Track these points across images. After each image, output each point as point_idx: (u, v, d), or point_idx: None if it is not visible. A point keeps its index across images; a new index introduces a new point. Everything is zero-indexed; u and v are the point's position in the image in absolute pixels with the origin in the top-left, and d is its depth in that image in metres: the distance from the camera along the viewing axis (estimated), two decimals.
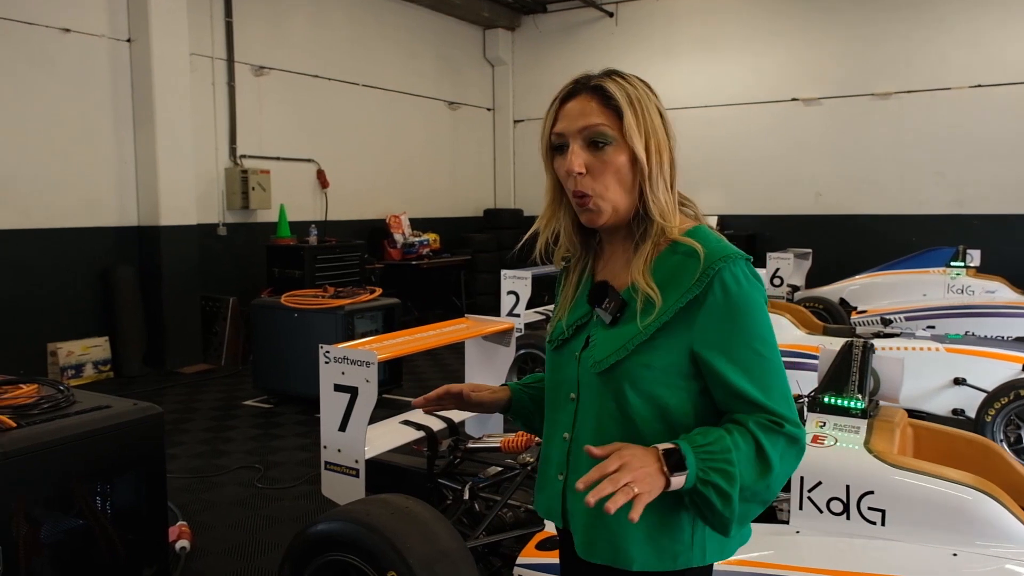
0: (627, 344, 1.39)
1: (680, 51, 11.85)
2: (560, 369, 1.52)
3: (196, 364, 7.75)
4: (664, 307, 1.37)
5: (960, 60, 10.14)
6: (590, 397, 1.44)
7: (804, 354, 5.29)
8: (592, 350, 1.45)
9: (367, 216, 10.26)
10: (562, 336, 1.52)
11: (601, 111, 1.41)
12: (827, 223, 11.04)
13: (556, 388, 1.53)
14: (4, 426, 2.66)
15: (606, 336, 1.43)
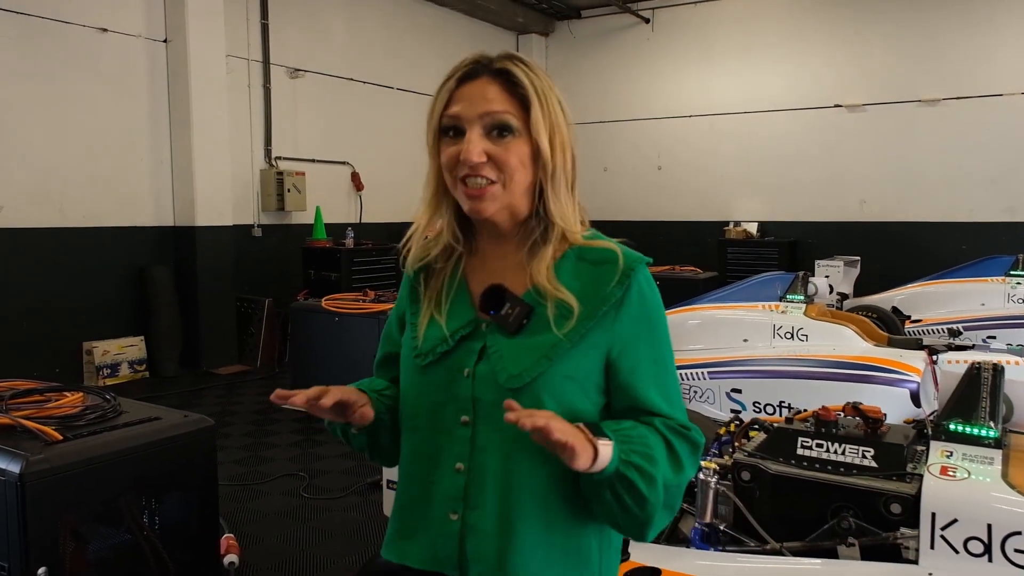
0: (548, 354, 1.24)
1: (718, 57, 11.58)
2: (440, 388, 1.29)
3: (231, 365, 7.60)
4: (585, 312, 1.25)
5: (1011, 65, 9.80)
6: (494, 418, 1.21)
7: (873, 367, 5.01)
8: (497, 363, 1.25)
9: (401, 219, 10.07)
10: (442, 349, 1.29)
11: (505, 98, 1.26)
12: (872, 230, 10.71)
13: (435, 411, 1.29)
14: (49, 438, 2.47)
15: (513, 346, 1.26)
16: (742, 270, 10.65)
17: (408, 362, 1.33)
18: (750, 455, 2.41)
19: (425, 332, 1.32)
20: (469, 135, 1.24)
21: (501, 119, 1.25)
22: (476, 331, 1.29)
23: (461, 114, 1.26)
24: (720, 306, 5.92)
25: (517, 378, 1.23)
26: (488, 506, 1.23)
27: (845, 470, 2.29)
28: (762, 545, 2.32)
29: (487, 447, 1.25)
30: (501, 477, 1.24)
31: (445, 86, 1.29)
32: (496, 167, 1.24)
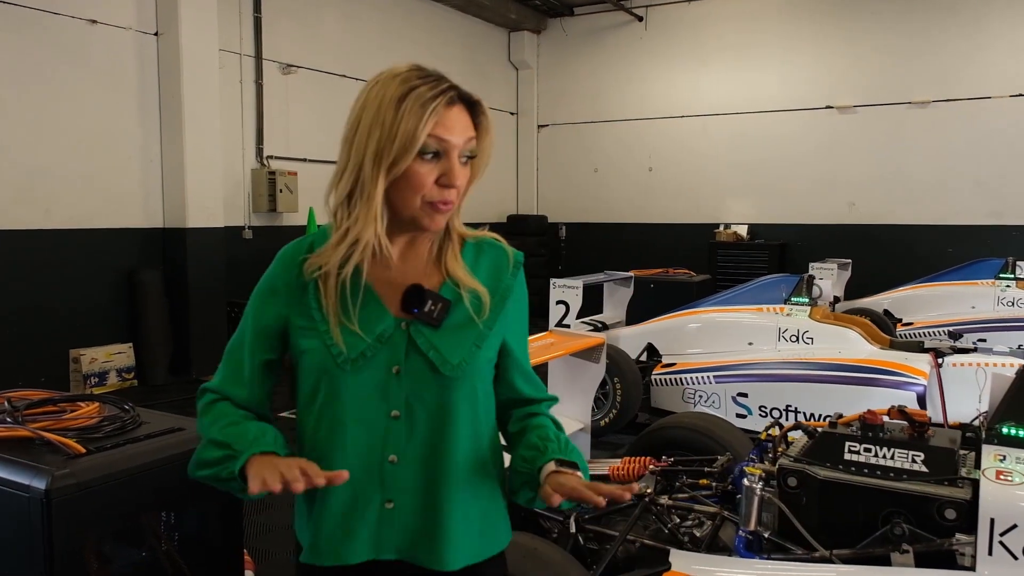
0: (476, 342, 1.38)
1: (711, 57, 11.60)
2: (369, 388, 1.36)
3: None
4: (493, 301, 1.41)
5: (1001, 68, 9.91)
6: (426, 409, 1.36)
7: (879, 370, 5.01)
8: (433, 355, 1.36)
9: None
10: (370, 352, 1.35)
11: (472, 127, 1.37)
12: (861, 233, 10.79)
13: (363, 410, 1.36)
14: (73, 451, 2.36)
15: (444, 337, 1.37)
16: (732, 273, 10.68)
17: (326, 367, 1.36)
18: (796, 460, 2.37)
19: (343, 338, 1.35)
20: (453, 161, 1.32)
21: (471, 147, 1.36)
22: (396, 331, 1.37)
23: (450, 140, 1.32)
24: (724, 309, 5.89)
25: (456, 367, 1.36)
26: (419, 488, 1.36)
27: (895, 475, 2.25)
28: (810, 553, 2.27)
29: (416, 436, 1.36)
30: (428, 460, 1.37)
31: (433, 107, 1.30)
32: (458, 191, 1.37)
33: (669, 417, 3.67)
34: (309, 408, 1.41)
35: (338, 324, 1.35)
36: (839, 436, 2.35)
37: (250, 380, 1.46)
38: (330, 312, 1.36)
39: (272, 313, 1.43)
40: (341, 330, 1.34)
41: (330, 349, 1.35)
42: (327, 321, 1.36)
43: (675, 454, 3.41)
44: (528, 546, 2.15)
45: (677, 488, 2.77)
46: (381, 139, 1.30)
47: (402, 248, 1.42)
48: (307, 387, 1.40)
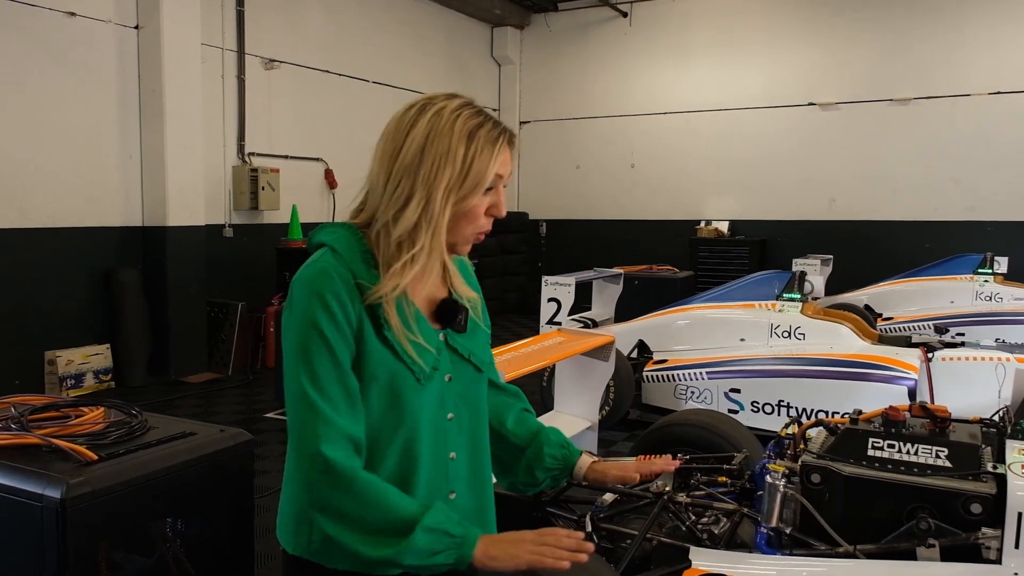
0: (488, 341, 1.61)
1: (695, 53, 11.64)
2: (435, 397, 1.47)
3: (202, 373, 7.33)
4: (483, 307, 1.61)
5: (980, 66, 10.06)
6: (466, 407, 1.53)
7: (871, 365, 5.06)
8: (472, 356, 1.53)
9: None
10: (436, 365, 1.47)
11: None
12: (841, 229, 10.90)
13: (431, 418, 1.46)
14: (85, 458, 2.29)
15: (472, 341, 1.54)
16: (713, 269, 10.75)
17: (405, 386, 1.42)
18: (819, 457, 2.36)
19: (417, 355, 1.42)
20: (501, 194, 1.45)
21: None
22: (440, 342, 1.49)
23: (503, 175, 1.45)
24: (715, 306, 5.92)
25: (488, 364, 1.58)
26: (470, 477, 1.54)
27: (919, 471, 2.25)
28: (833, 549, 2.27)
29: (464, 432, 1.52)
30: (473, 452, 1.55)
31: (499, 146, 1.41)
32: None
33: (673, 414, 3.66)
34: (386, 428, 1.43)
35: (409, 343, 1.41)
36: (862, 432, 2.35)
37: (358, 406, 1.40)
38: (400, 333, 1.40)
39: (350, 336, 1.39)
40: (414, 347, 1.41)
41: (411, 367, 1.41)
42: (400, 342, 1.40)
43: (682, 451, 3.41)
44: None
45: (692, 485, 2.76)
46: (453, 174, 1.37)
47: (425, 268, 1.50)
48: (382, 408, 1.42)
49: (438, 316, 1.49)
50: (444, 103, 1.42)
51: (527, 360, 2.89)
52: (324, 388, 1.35)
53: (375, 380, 1.40)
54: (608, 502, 2.83)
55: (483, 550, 1.32)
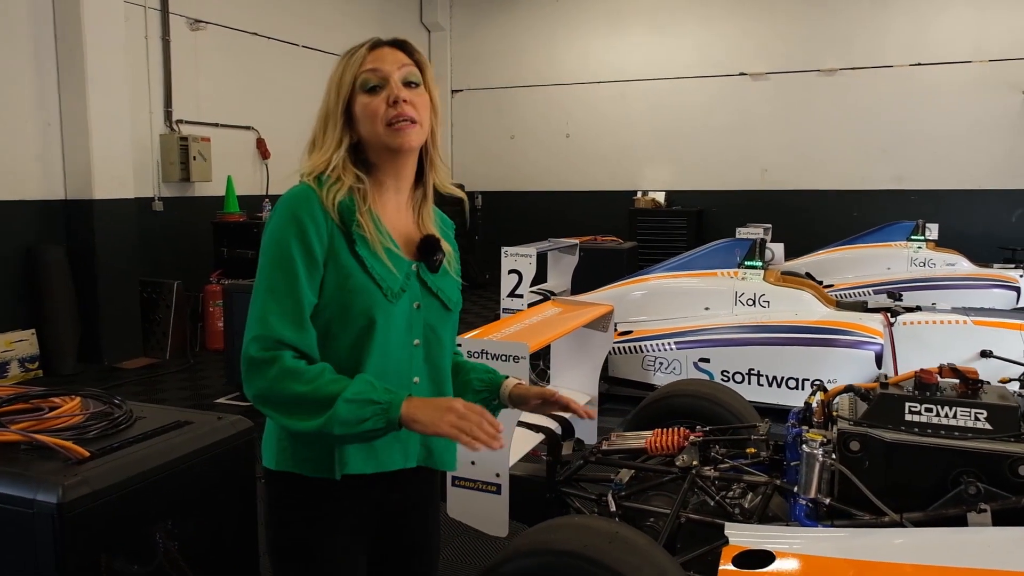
0: (458, 285, 1.67)
1: (626, 22, 11.58)
2: (402, 319, 1.55)
3: (137, 358, 6.88)
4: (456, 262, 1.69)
5: (901, 39, 10.35)
6: (434, 338, 1.61)
7: (836, 330, 5.12)
8: (442, 294, 1.62)
9: None
10: (405, 287, 1.55)
11: (406, 59, 1.57)
12: (774, 199, 11.10)
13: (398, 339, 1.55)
14: (76, 455, 2.03)
15: (443, 280, 1.63)
16: (652, 239, 10.81)
17: (376, 301, 1.50)
18: (856, 424, 2.31)
19: (384, 272, 1.52)
20: (394, 82, 1.52)
21: (413, 71, 1.55)
22: (410, 272, 1.58)
23: (382, 67, 1.53)
24: (677, 275, 5.89)
25: (456, 304, 1.66)
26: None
27: (960, 434, 2.23)
28: (878, 518, 2.22)
29: (429, 360, 1.61)
30: (436, 380, 1.64)
31: (358, 52, 1.55)
32: (415, 109, 1.53)
33: (668, 386, 3.59)
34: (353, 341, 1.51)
35: (384, 254, 1.52)
36: (898, 397, 2.31)
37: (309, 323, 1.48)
38: (375, 244, 1.51)
39: (319, 252, 1.48)
40: (389, 256, 1.52)
41: (379, 283, 1.50)
42: (374, 256, 1.51)
43: (683, 423, 3.34)
44: (610, 531, 2.00)
45: (714, 459, 2.68)
46: (328, 95, 1.56)
47: (395, 195, 1.62)
48: (346, 324, 1.50)
49: (419, 249, 1.60)
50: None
51: (536, 332, 2.74)
52: (278, 299, 1.45)
53: (349, 294, 1.49)
54: (625, 480, 2.73)
55: (410, 412, 1.41)
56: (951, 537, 2.10)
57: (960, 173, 10.28)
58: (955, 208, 10.15)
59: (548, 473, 2.75)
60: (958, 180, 10.30)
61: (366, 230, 1.51)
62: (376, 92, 1.53)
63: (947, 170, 10.36)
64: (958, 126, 10.21)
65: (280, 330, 1.44)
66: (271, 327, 1.44)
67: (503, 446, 1.39)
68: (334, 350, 1.50)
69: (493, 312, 8.93)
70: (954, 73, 10.15)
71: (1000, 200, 10.19)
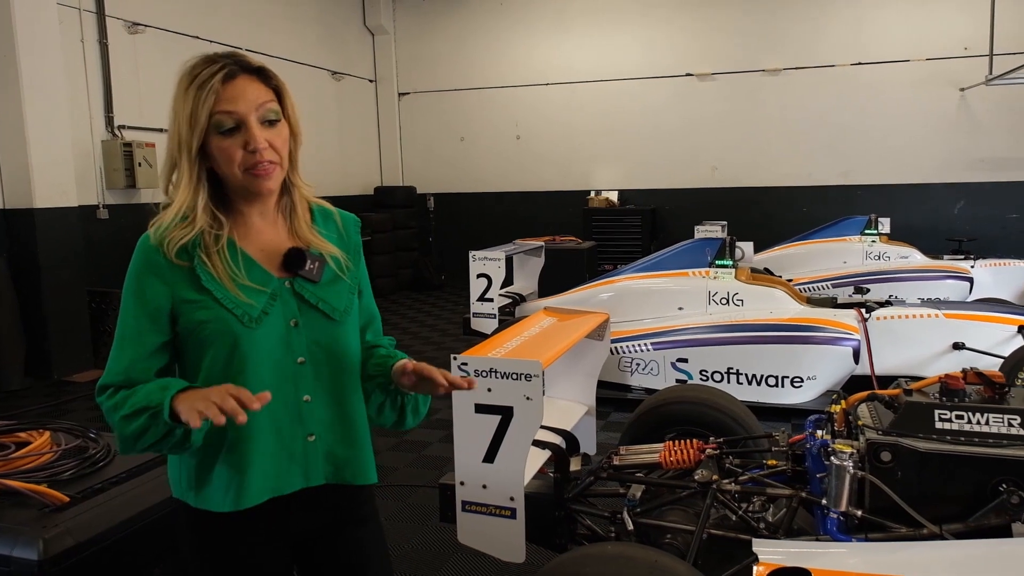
0: (351, 290, 1.61)
1: (573, 24, 11.56)
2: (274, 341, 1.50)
3: (88, 371, 6.51)
4: (350, 257, 1.62)
5: (842, 39, 10.57)
6: (322, 352, 1.55)
7: (812, 327, 5.09)
8: (323, 304, 1.55)
9: None
10: (269, 309, 1.50)
11: (267, 91, 1.49)
12: (724, 196, 11.20)
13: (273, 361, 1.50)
14: (53, 502, 1.81)
15: (325, 291, 1.56)
16: (607, 238, 10.78)
17: (232, 329, 1.46)
18: (886, 433, 2.22)
19: (237, 300, 1.46)
20: (251, 128, 1.44)
21: (271, 108, 1.48)
22: (282, 289, 1.52)
23: (238, 110, 1.43)
24: (649, 275, 5.81)
25: (343, 312, 1.58)
26: (335, 420, 1.57)
27: (994, 441, 2.16)
28: (916, 530, 2.14)
29: (320, 375, 1.55)
30: (339, 396, 1.58)
31: (210, 84, 1.42)
32: (274, 150, 1.48)
33: (662, 393, 3.48)
34: (220, 372, 1.47)
35: (235, 287, 1.46)
36: (927, 405, 2.23)
37: (151, 364, 1.48)
38: (224, 279, 1.46)
39: (159, 293, 1.47)
40: (241, 289, 1.46)
41: (233, 311, 1.46)
42: (223, 288, 1.46)
43: (680, 431, 3.24)
44: (648, 560, 1.86)
45: (729, 471, 2.57)
46: (177, 128, 1.44)
47: (258, 216, 1.55)
48: (212, 354, 1.47)
49: (284, 264, 1.53)
50: (184, 64, 1.47)
51: (539, 346, 2.59)
52: (122, 340, 1.49)
53: (203, 324, 1.46)
54: (638, 496, 2.60)
55: (174, 407, 1.35)
56: (999, 549, 2.02)
57: (904, 168, 10.53)
58: (900, 202, 10.38)
59: (556, 490, 2.61)
60: (902, 175, 10.55)
61: (211, 268, 1.47)
62: (232, 134, 1.45)
63: (891, 165, 10.60)
64: (900, 123, 10.45)
65: (109, 377, 1.48)
66: (106, 375, 1.49)
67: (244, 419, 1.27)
68: (209, 379, 1.47)
69: (456, 315, 8.77)
70: (894, 72, 10.39)
71: (943, 193, 10.46)
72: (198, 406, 1.28)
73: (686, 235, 10.27)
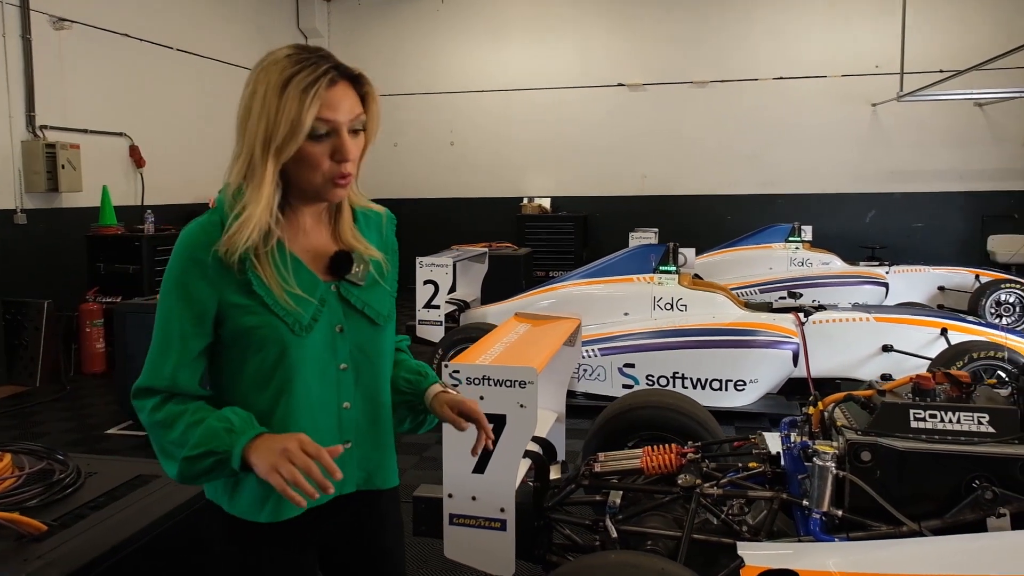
0: (391, 294, 1.60)
1: (509, 32, 11.63)
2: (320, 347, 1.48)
3: (2, 387, 6.10)
4: (388, 259, 1.60)
5: (766, 54, 10.98)
6: (364, 358, 1.53)
7: (753, 332, 5.23)
8: (367, 309, 1.53)
9: (188, 200, 8.77)
10: (318, 314, 1.47)
11: (358, 100, 1.46)
12: (653, 203, 11.42)
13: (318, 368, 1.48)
14: (30, 531, 1.68)
15: (368, 294, 1.54)
16: (541, 245, 10.84)
17: (281, 336, 1.43)
18: (865, 433, 2.29)
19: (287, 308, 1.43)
20: (344, 138, 1.41)
21: (360, 118, 1.44)
22: (328, 293, 1.50)
23: (336, 119, 1.40)
24: (594, 281, 5.85)
25: (387, 317, 1.56)
26: (368, 426, 1.56)
27: (966, 439, 2.25)
28: (895, 528, 2.21)
29: (362, 381, 1.53)
30: (372, 401, 1.56)
31: (315, 89, 1.37)
32: (354, 162, 1.46)
33: (626, 398, 3.49)
34: (265, 379, 1.45)
35: (284, 293, 1.42)
36: (902, 405, 2.31)
37: (195, 371, 1.45)
38: (273, 285, 1.42)
39: (205, 295, 1.42)
40: (290, 296, 1.42)
41: (284, 319, 1.42)
42: (272, 295, 1.42)
43: (646, 435, 3.27)
44: (655, 567, 1.86)
45: (709, 475, 2.60)
46: (268, 126, 1.37)
47: (310, 220, 1.52)
48: (258, 361, 1.44)
49: (330, 268, 1.51)
50: (271, 56, 1.42)
51: (521, 353, 2.57)
52: (165, 342, 1.42)
53: (252, 331, 1.42)
54: (617, 502, 2.60)
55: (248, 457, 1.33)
56: (975, 544, 2.11)
57: (820, 178, 10.98)
58: (817, 211, 10.78)
59: (535, 499, 2.58)
60: (819, 185, 11.00)
61: (262, 271, 1.42)
62: (321, 141, 1.41)
63: (809, 175, 11.04)
64: (817, 135, 10.91)
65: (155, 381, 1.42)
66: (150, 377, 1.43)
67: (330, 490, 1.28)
68: (252, 385, 1.46)
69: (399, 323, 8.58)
70: (812, 86, 10.83)
71: (856, 203, 10.96)
72: (281, 469, 1.26)
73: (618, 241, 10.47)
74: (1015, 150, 10.43)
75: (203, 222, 1.44)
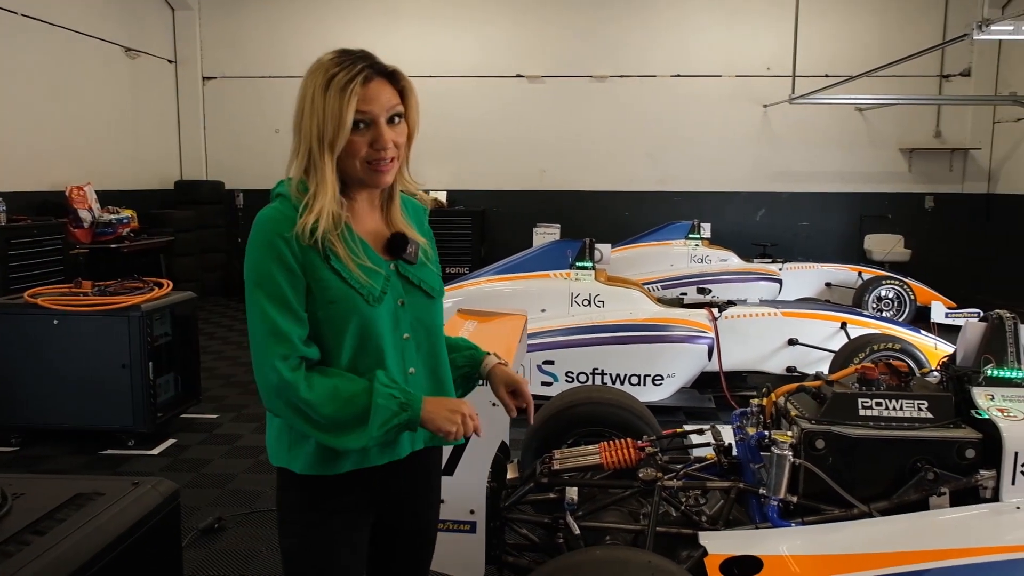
0: (438, 272, 1.79)
1: (401, 16, 11.30)
2: (387, 318, 1.65)
3: None
4: (431, 244, 1.80)
5: (664, 52, 11.22)
6: (422, 328, 1.72)
7: (669, 327, 5.36)
8: (424, 284, 1.72)
9: (37, 188, 8.08)
10: (385, 289, 1.65)
11: (395, 92, 1.64)
12: (552, 198, 11.49)
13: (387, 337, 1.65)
14: None
15: (421, 272, 1.73)
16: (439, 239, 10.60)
17: (358, 308, 1.60)
18: (818, 422, 2.37)
19: (362, 281, 1.60)
20: (380, 127, 1.60)
21: (398, 108, 1.63)
22: (389, 270, 1.67)
23: (372, 111, 1.59)
24: (510, 277, 5.83)
25: (439, 291, 1.76)
26: (431, 388, 1.74)
27: (908, 425, 2.36)
28: (847, 511, 2.30)
29: (422, 350, 1.72)
30: (432, 366, 1.75)
31: (352, 87, 1.55)
32: (395, 147, 1.63)
33: (566, 394, 3.48)
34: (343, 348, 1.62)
35: (357, 268, 1.60)
36: (852, 395, 2.40)
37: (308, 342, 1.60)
38: (347, 260, 1.60)
39: (298, 268, 1.57)
40: (362, 270, 1.61)
41: (360, 291, 1.60)
42: (347, 269, 1.60)
43: (587, 431, 3.27)
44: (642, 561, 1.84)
45: (666, 468, 2.62)
46: (319, 123, 1.56)
47: (366, 203, 1.71)
48: (348, 335, 1.61)
49: (388, 249, 1.68)
50: (317, 61, 1.61)
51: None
52: (274, 316, 1.56)
53: (332, 304, 1.59)
54: (575, 499, 2.58)
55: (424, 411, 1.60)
56: (920, 521, 2.23)
57: (714, 176, 11.35)
58: (711, 208, 11.14)
59: (491, 500, 2.52)
60: (713, 183, 11.36)
61: (338, 248, 1.59)
62: (361, 131, 1.59)
63: (703, 173, 11.39)
64: (712, 134, 11.26)
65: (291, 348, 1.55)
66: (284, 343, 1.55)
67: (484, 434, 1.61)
68: (329, 356, 1.62)
69: None
70: (708, 86, 11.18)
71: (748, 201, 11.41)
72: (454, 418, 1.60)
73: (517, 237, 10.50)
74: (890, 153, 11.17)
75: (275, 209, 1.61)
